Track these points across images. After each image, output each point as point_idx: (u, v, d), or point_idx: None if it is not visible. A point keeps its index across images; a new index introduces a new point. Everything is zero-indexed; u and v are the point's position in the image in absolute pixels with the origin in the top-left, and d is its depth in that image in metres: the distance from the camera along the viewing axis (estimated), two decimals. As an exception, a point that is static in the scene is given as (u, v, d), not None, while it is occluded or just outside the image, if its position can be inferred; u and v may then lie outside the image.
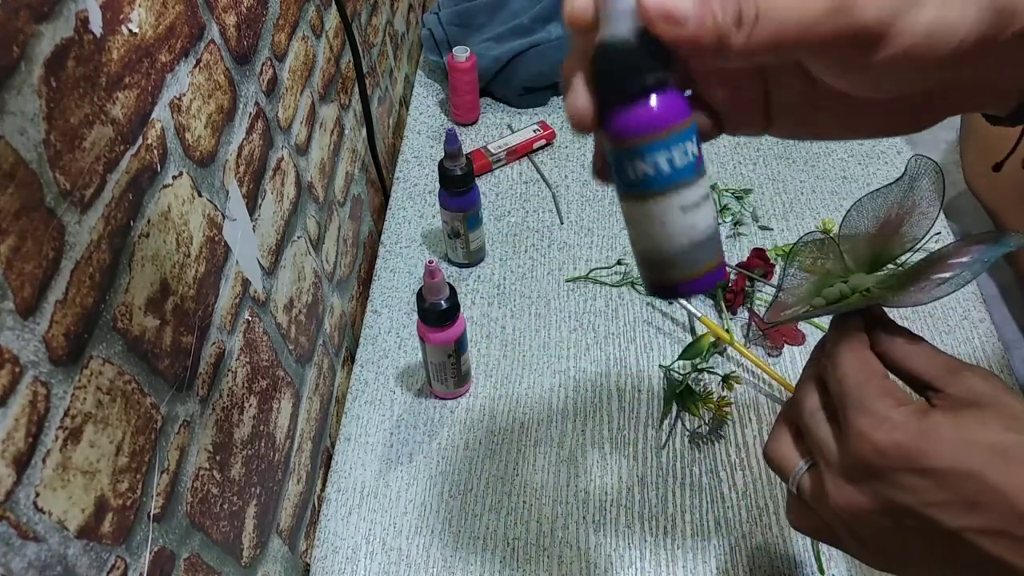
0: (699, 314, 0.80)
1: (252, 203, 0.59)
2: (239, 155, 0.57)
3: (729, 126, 0.35)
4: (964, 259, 0.37)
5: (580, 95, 0.30)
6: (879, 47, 0.27)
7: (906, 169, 0.41)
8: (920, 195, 0.40)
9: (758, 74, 0.34)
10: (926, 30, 0.27)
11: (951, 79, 0.30)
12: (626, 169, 0.31)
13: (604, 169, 0.33)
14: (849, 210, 0.42)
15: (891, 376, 0.37)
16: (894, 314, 0.83)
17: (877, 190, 0.42)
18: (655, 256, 0.32)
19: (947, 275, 0.37)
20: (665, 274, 0.33)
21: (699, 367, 0.78)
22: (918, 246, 0.40)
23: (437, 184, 0.85)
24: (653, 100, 0.30)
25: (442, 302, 0.69)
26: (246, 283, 0.58)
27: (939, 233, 0.88)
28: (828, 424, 0.37)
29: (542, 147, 1.06)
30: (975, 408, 0.34)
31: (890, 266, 0.42)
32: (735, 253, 0.91)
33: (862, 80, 0.29)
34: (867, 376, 0.36)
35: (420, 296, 0.70)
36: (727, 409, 0.74)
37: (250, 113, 0.59)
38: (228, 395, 0.55)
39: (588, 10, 0.29)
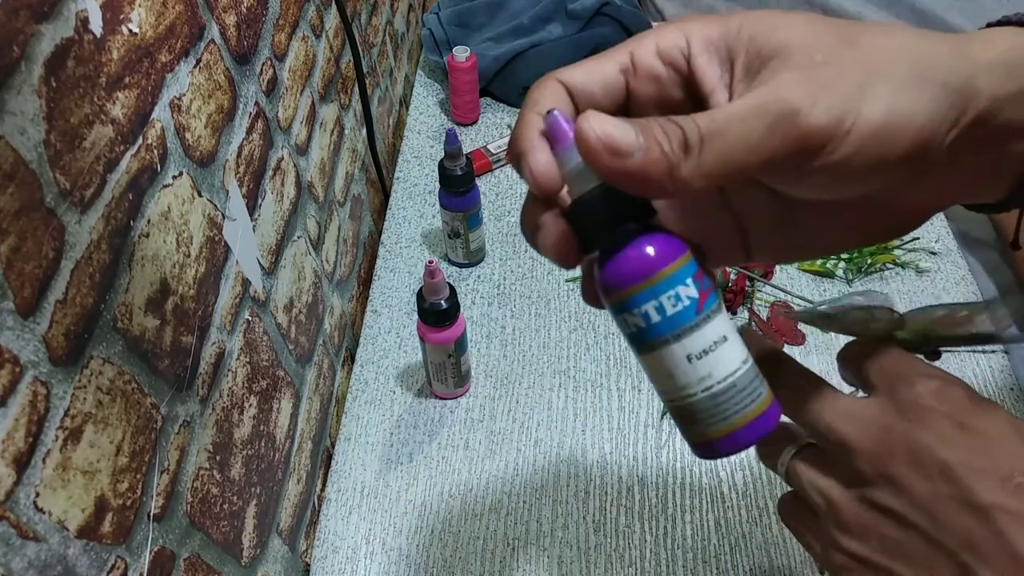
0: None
1: (252, 203, 0.59)
2: (239, 155, 0.57)
3: (711, 261, 0.33)
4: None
5: (551, 228, 0.28)
6: (831, 150, 0.25)
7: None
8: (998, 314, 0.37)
9: (724, 205, 0.33)
10: (881, 123, 0.25)
11: (928, 174, 0.28)
12: (620, 323, 0.29)
13: (594, 295, 0.31)
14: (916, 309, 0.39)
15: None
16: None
17: (955, 303, 0.39)
18: (676, 412, 0.30)
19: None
20: (693, 431, 0.29)
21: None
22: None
23: (437, 184, 0.85)
24: (625, 252, 0.28)
25: (442, 302, 0.69)
26: (246, 283, 0.58)
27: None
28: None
29: (542, 147, 1.06)
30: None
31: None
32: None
33: (822, 183, 0.27)
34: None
35: (420, 296, 0.70)
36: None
37: (250, 113, 0.59)
38: (228, 395, 0.55)
39: (553, 173, 0.28)
